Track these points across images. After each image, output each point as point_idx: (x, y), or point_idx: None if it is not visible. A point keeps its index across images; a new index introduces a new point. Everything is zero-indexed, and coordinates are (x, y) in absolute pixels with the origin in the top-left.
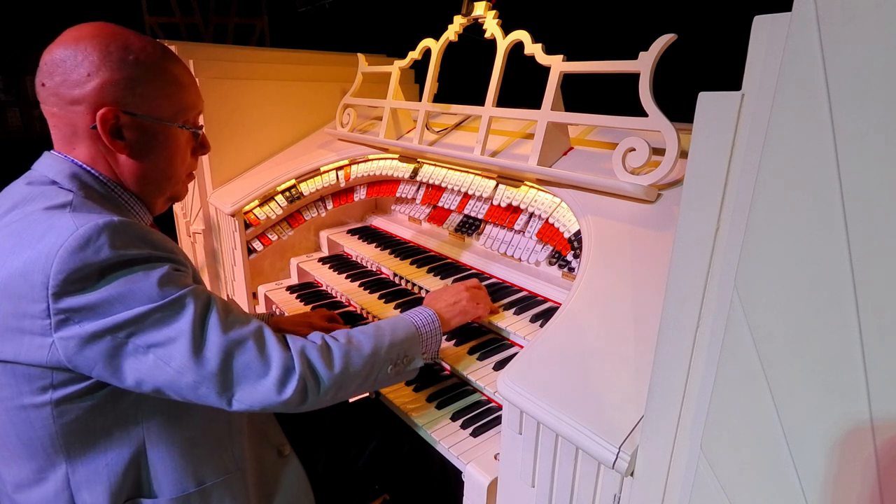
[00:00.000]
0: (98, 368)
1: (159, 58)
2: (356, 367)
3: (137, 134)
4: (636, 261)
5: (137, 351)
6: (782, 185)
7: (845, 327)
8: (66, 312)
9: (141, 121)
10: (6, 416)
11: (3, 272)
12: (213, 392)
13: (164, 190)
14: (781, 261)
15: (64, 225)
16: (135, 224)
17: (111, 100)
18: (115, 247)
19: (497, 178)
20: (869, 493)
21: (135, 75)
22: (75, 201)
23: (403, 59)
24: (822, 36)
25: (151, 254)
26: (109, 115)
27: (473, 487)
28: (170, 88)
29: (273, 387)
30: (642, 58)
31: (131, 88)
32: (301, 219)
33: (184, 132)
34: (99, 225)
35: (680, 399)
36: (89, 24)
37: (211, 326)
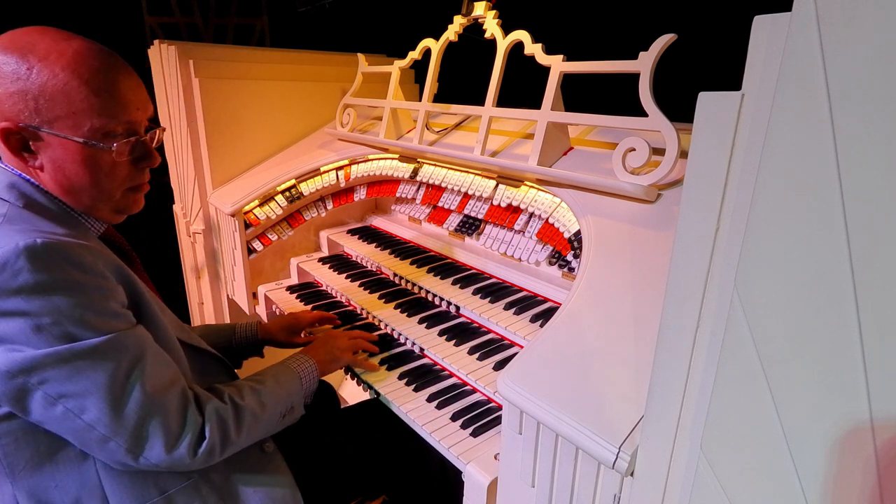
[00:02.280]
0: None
1: (62, 66)
2: (257, 429)
3: (44, 149)
4: (636, 261)
5: (46, 399)
6: (782, 185)
7: (845, 327)
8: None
9: (44, 135)
10: None
11: None
12: (121, 449)
13: (98, 205)
14: (781, 261)
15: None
16: (63, 247)
17: (10, 114)
18: (35, 270)
19: (497, 178)
20: (869, 492)
21: (29, 88)
22: (10, 212)
23: (403, 59)
24: (822, 36)
25: (79, 282)
26: (11, 129)
27: (473, 487)
28: (79, 101)
29: (185, 452)
30: (642, 58)
31: (27, 101)
32: (301, 219)
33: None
34: (19, 247)
35: (680, 399)
36: (16, 30)
37: (134, 382)
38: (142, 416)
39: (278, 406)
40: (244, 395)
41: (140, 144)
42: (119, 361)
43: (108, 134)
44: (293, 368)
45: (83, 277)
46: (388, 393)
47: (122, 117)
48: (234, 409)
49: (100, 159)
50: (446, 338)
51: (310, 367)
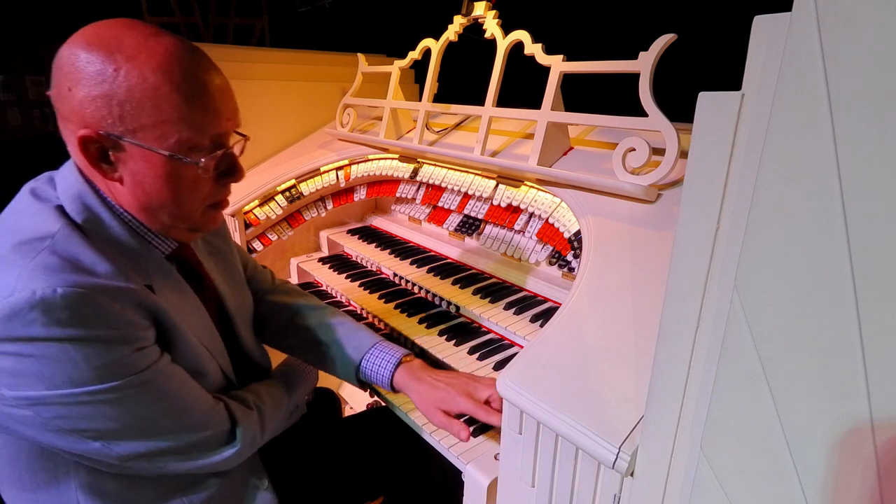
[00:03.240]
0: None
1: (152, 69)
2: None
3: (126, 160)
4: (636, 261)
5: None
6: (782, 185)
7: (845, 327)
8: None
9: (127, 145)
10: None
11: None
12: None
13: (175, 224)
14: (781, 260)
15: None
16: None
17: (91, 119)
18: (48, 324)
19: (497, 178)
20: (869, 492)
21: (114, 91)
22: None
23: (403, 59)
24: (823, 36)
25: (97, 335)
26: (91, 137)
27: (473, 487)
28: (164, 107)
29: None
30: (642, 58)
31: (110, 107)
32: (301, 219)
33: (179, 163)
34: (34, 298)
35: (680, 399)
36: (100, 22)
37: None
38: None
39: (290, 407)
40: (264, 400)
41: (226, 158)
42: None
43: (194, 147)
44: (299, 370)
45: (102, 330)
46: (388, 393)
47: (211, 129)
48: (258, 415)
49: (183, 174)
50: (446, 338)
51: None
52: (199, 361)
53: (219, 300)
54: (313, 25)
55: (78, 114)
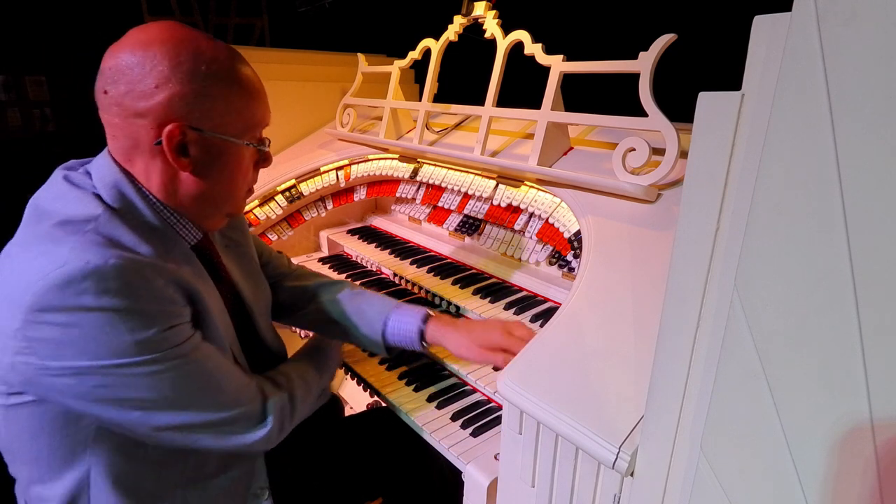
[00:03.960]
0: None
1: (230, 69)
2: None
3: (203, 151)
4: (636, 261)
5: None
6: (782, 185)
7: (845, 327)
8: (30, 341)
9: (208, 137)
10: None
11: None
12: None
13: (223, 208)
14: (781, 260)
15: (59, 252)
16: (134, 271)
17: (179, 115)
18: (100, 295)
19: (497, 178)
20: (869, 492)
21: (205, 89)
22: (102, 219)
23: (403, 59)
24: (823, 36)
25: (142, 308)
26: (176, 132)
27: (473, 487)
28: (240, 103)
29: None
30: (642, 58)
31: (200, 103)
32: (301, 219)
33: (249, 148)
34: (87, 267)
35: (680, 399)
36: (157, 24)
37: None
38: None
39: (318, 390)
40: (294, 385)
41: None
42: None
43: (254, 136)
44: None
45: (147, 303)
46: (388, 393)
47: (263, 121)
48: (289, 399)
49: (244, 161)
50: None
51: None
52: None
53: (236, 292)
54: (313, 25)
55: (164, 109)
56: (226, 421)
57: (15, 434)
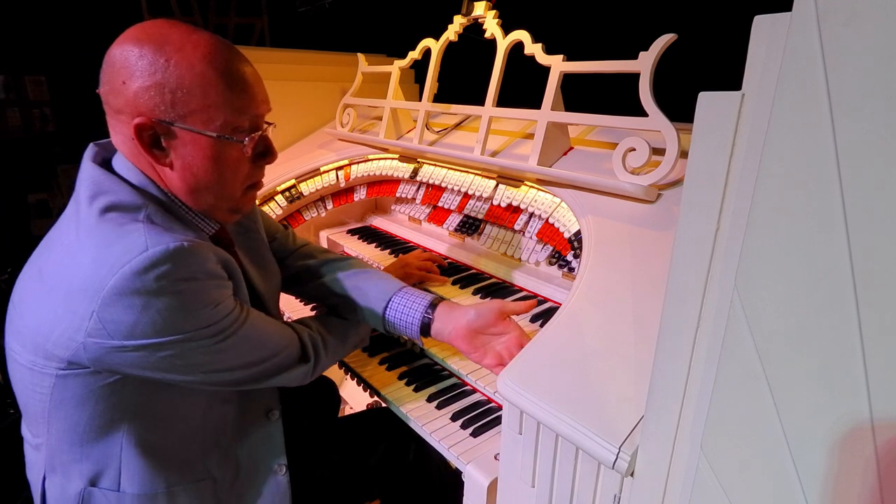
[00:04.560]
0: (121, 369)
1: (199, 58)
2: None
3: (176, 145)
4: (636, 261)
5: (170, 366)
6: (782, 185)
7: (846, 327)
8: (107, 323)
9: (179, 130)
10: (20, 370)
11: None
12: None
13: (219, 204)
14: (782, 260)
15: (135, 240)
16: (200, 250)
17: (145, 108)
18: (175, 276)
19: (497, 178)
20: (869, 492)
21: (166, 80)
22: (150, 208)
23: (403, 59)
24: (823, 36)
25: (205, 285)
26: (145, 125)
27: (473, 488)
28: (210, 93)
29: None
30: (642, 58)
31: (163, 95)
32: (301, 219)
33: (223, 143)
34: (169, 250)
35: (680, 399)
36: (143, 22)
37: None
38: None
39: (356, 338)
40: (330, 329)
41: (262, 139)
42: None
43: (237, 129)
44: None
45: (209, 280)
46: (388, 393)
47: (249, 112)
48: (322, 340)
49: (227, 155)
50: None
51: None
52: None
53: (247, 279)
54: (313, 25)
55: (132, 104)
56: (275, 365)
57: (59, 401)
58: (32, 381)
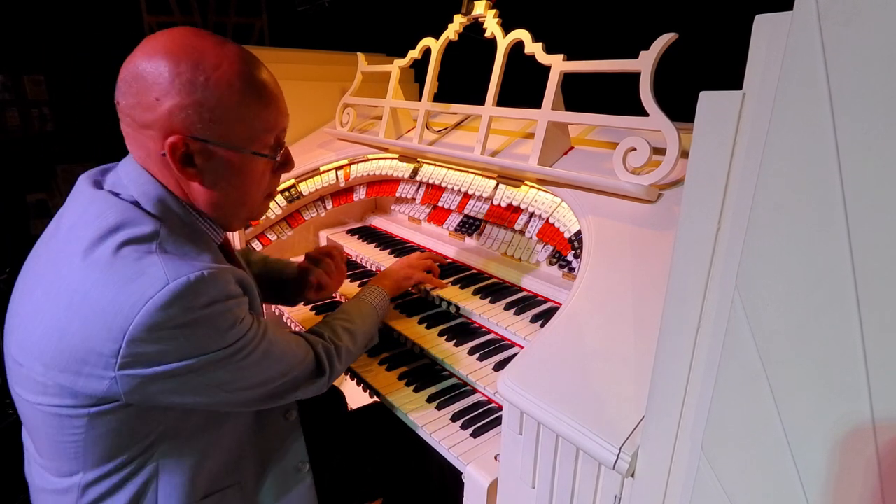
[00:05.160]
0: (155, 399)
1: (236, 76)
2: (350, 359)
3: (209, 161)
4: (637, 261)
5: (200, 387)
6: (783, 185)
7: (847, 327)
8: (136, 356)
9: (213, 148)
10: (42, 417)
11: (85, 304)
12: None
13: (239, 214)
14: (783, 260)
15: (155, 274)
16: (219, 276)
17: (180, 126)
18: (200, 305)
19: (497, 177)
20: (870, 493)
21: (206, 100)
22: (161, 234)
23: (403, 59)
24: (824, 35)
25: (227, 306)
26: (179, 144)
27: (473, 488)
28: (246, 111)
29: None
30: (643, 57)
31: (201, 114)
32: (300, 218)
33: (253, 158)
34: (190, 281)
35: (681, 399)
36: (169, 31)
37: (274, 357)
38: (283, 377)
39: (364, 339)
40: (340, 336)
41: (286, 152)
42: (259, 346)
43: (266, 144)
44: (370, 303)
45: (228, 301)
46: (388, 394)
47: (278, 126)
48: (335, 349)
49: (255, 169)
50: (446, 338)
51: (382, 297)
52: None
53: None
54: (313, 24)
55: (166, 121)
56: (293, 379)
57: (94, 437)
58: (61, 426)
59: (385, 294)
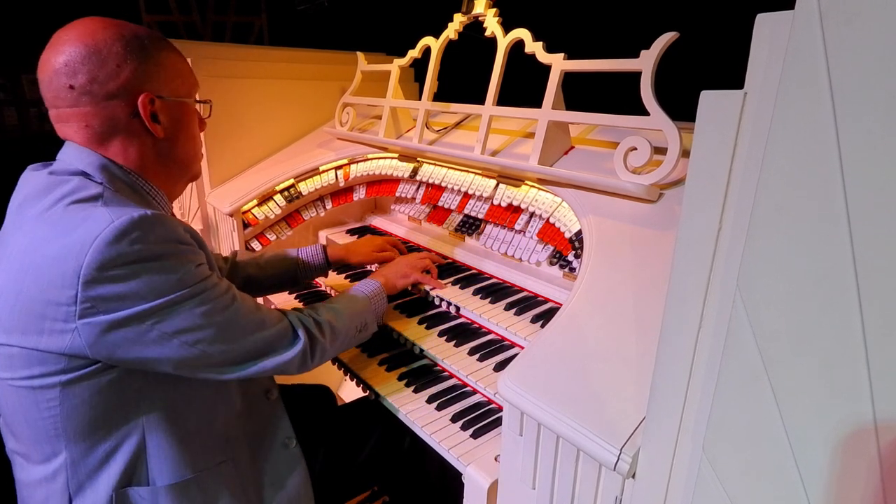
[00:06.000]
0: (119, 352)
1: (159, 38)
2: (336, 338)
3: (168, 115)
4: (638, 261)
5: (162, 337)
6: (785, 184)
7: (848, 327)
8: (94, 301)
9: (169, 102)
10: (16, 396)
11: (35, 257)
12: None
13: (190, 168)
14: (784, 260)
15: (100, 216)
16: (166, 219)
17: (143, 87)
18: (148, 241)
19: (497, 177)
20: (872, 494)
21: (154, 58)
22: (106, 195)
23: (403, 58)
24: (825, 34)
25: (179, 248)
26: (146, 101)
27: (474, 489)
28: (181, 66)
29: (284, 355)
30: (644, 56)
31: (156, 72)
32: (300, 218)
33: (194, 108)
34: (134, 218)
35: (682, 400)
36: (80, 21)
37: (236, 311)
38: (248, 334)
39: (352, 321)
40: (320, 312)
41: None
42: (218, 297)
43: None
44: (359, 290)
45: (181, 242)
46: (387, 394)
47: (197, 81)
48: (314, 322)
49: (195, 120)
50: (446, 338)
51: (374, 287)
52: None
53: None
54: (312, 24)
55: (130, 84)
56: (263, 342)
57: (70, 409)
58: (36, 402)
59: (378, 285)
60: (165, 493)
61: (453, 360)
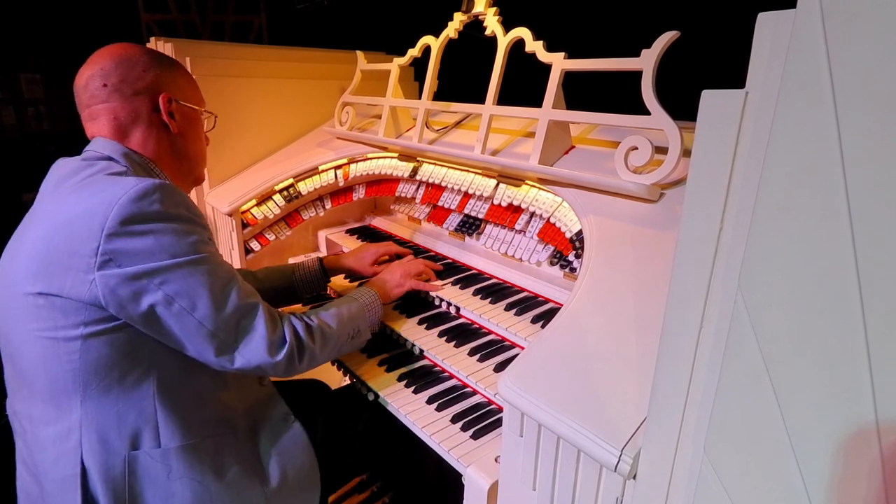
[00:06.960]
0: (129, 308)
1: (178, 62)
2: (328, 343)
3: (181, 116)
4: (638, 261)
5: (166, 298)
6: (786, 184)
7: (850, 327)
8: (111, 254)
9: (183, 107)
10: (38, 348)
11: (66, 214)
12: (222, 344)
13: (196, 167)
14: (786, 260)
15: (127, 181)
16: (181, 191)
17: (164, 89)
18: (166, 204)
19: (498, 177)
20: (874, 495)
21: (173, 71)
22: (129, 172)
23: (403, 57)
24: (827, 33)
25: (192, 218)
26: (165, 100)
27: (474, 490)
28: (192, 84)
29: (269, 350)
30: (645, 55)
31: (173, 80)
32: (299, 218)
33: (202, 118)
34: (155, 184)
35: (683, 401)
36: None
37: (232, 290)
38: (238, 317)
39: (344, 327)
40: (311, 316)
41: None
42: (218, 273)
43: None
44: (352, 296)
45: (193, 214)
46: (387, 395)
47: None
48: (304, 325)
49: (201, 127)
50: (446, 339)
51: (369, 295)
52: None
53: None
54: (311, 23)
55: (155, 84)
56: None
57: (90, 363)
58: (58, 353)
59: (373, 294)
60: (176, 454)
61: (453, 360)
